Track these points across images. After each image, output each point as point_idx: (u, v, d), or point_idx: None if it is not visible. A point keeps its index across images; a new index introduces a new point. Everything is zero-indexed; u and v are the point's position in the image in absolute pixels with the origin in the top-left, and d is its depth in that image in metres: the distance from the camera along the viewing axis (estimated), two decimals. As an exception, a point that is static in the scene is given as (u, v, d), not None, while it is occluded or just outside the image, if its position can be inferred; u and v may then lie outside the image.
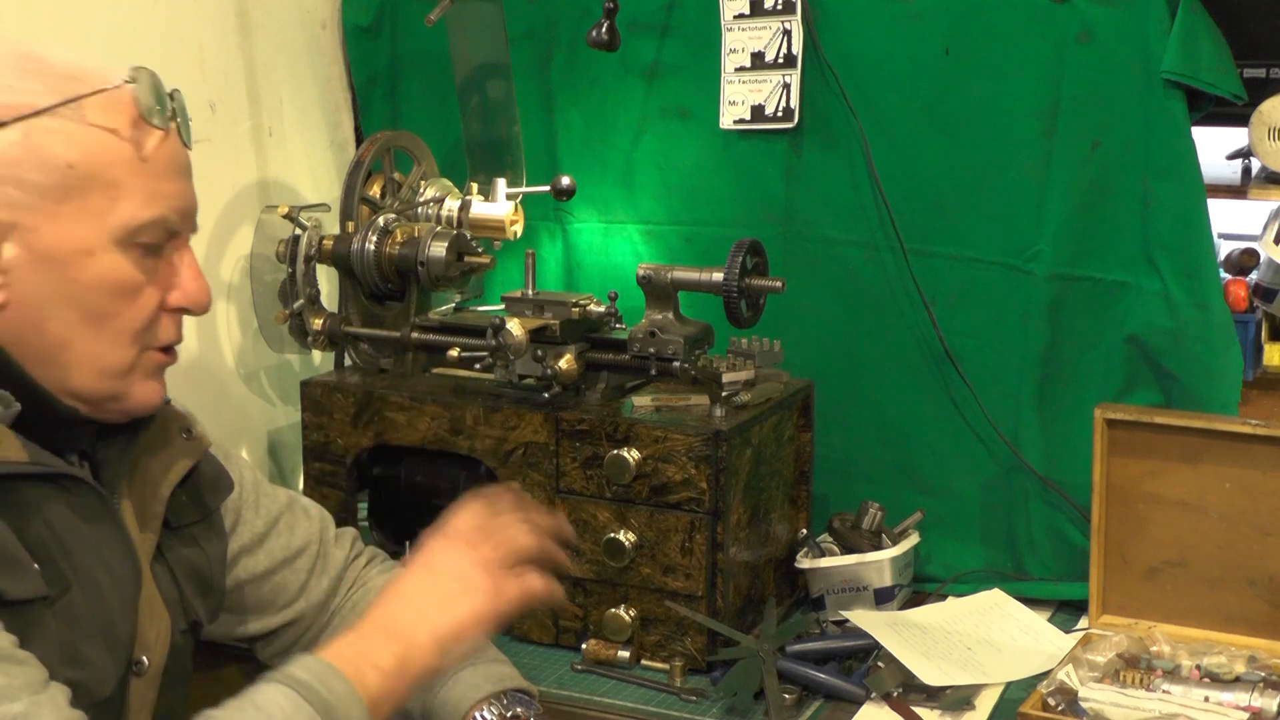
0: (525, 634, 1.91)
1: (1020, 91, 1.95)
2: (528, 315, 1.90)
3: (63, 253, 1.24)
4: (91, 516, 1.29)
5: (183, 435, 1.42)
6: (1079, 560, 1.94)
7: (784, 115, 2.08)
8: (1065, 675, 1.68)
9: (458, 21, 2.17)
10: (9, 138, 1.22)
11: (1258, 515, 1.78)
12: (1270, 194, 1.96)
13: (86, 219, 1.24)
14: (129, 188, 1.26)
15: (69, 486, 1.27)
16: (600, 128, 2.25)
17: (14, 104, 1.22)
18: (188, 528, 1.43)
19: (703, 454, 1.77)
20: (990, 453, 2.05)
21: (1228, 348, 1.89)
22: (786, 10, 2.05)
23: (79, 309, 1.25)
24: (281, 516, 1.60)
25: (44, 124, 1.23)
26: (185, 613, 1.41)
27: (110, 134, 1.25)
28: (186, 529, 1.43)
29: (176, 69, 2.05)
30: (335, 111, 2.38)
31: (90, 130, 1.24)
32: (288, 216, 2.02)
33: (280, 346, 2.19)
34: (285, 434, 2.26)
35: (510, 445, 1.88)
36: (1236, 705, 1.61)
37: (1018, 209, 1.98)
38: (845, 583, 1.93)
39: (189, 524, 1.43)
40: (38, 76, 1.24)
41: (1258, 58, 1.91)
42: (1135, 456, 1.82)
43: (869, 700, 1.71)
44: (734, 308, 1.82)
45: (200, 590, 1.44)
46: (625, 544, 1.81)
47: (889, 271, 2.07)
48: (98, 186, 1.24)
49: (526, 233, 2.18)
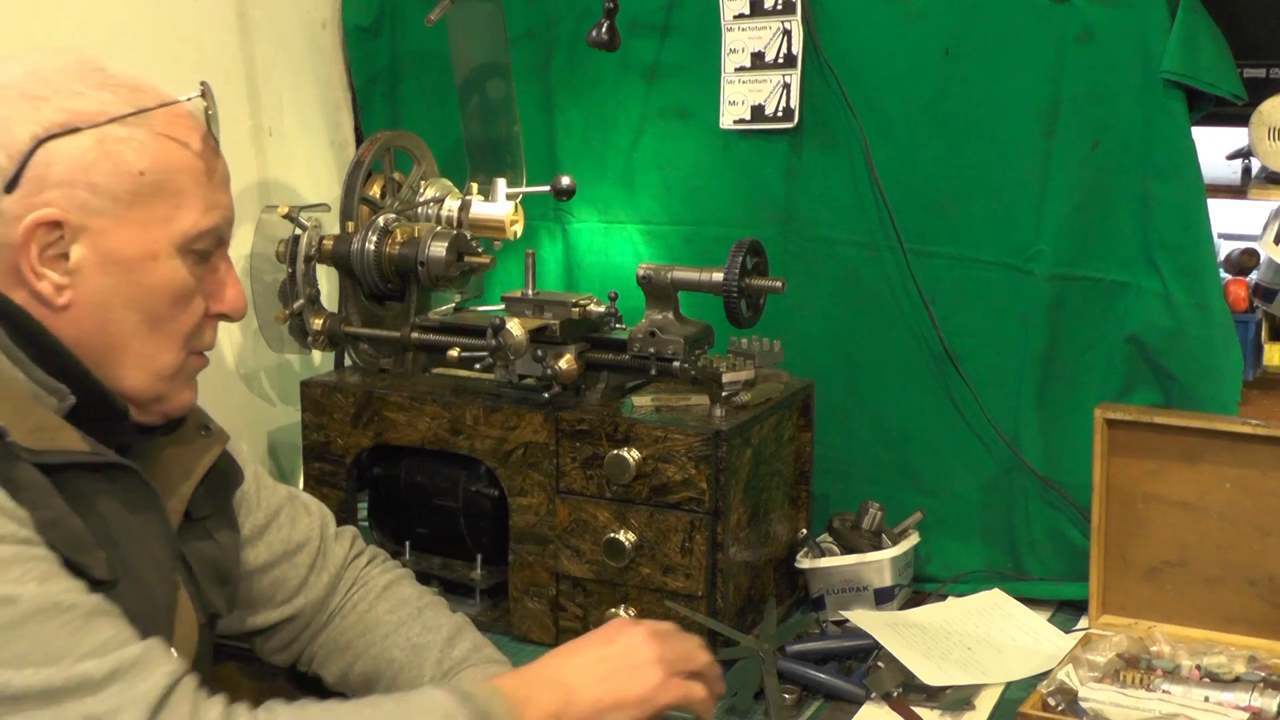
0: (525, 634, 1.91)
1: (1020, 91, 1.95)
2: (528, 315, 1.90)
3: (129, 257, 1.29)
4: (139, 509, 1.32)
5: (201, 431, 1.45)
6: (1079, 560, 1.94)
7: (784, 115, 2.08)
8: (1065, 675, 1.68)
9: (458, 21, 2.17)
10: (83, 144, 1.27)
11: (1258, 515, 1.78)
12: (1270, 194, 1.96)
13: (153, 225, 1.30)
14: (191, 196, 1.32)
15: (118, 479, 1.30)
16: (600, 128, 2.25)
17: (89, 111, 1.27)
18: (203, 520, 1.45)
19: (703, 454, 1.77)
20: (990, 453, 2.05)
21: (1228, 348, 1.89)
22: (786, 10, 2.05)
23: (140, 311, 1.31)
24: (281, 510, 1.61)
25: (117, 132, 1.28)
26: (204, 606, 1.42)
27: (177, 144, 1.31)
28: (202, 522, 1.45)
29: (176, 69, 2.06)
30: (335, 111, 2.38)
31: (159, 139, 1.30)
32: (288, 216, 2.02)
33: (280, 346, 2.19)
34: (285, 434, 2.26)
35: (510, 445, 1.88)
36: (1236, 705, 1.61)
37: (1018, 209, 1.98)
38: (845, 583, 1.93)
39: (204, 517, 1.45)
40: (107, 87, 1.29)
41: (1258, 58, 1.91)
42: (1135, 456, 1.82)
43: (869, 700, 1.71)
44: (734, 308, 1.82)
45: (218, 582, 1.45)
46: (625, 544, 1.81)
47: (889, 271, 2.07)
48: (165, 194, 1.30)
49: (526, 233, 2.18)
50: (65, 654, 1.13)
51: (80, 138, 1.26)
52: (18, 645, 1.11)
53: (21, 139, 1.25)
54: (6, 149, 1.25)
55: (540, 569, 1.89)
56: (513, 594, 1.91)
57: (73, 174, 1.26)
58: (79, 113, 1.27)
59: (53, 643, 1.13)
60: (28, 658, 1.11)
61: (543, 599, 1.89)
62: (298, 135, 2.30)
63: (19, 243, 1.26)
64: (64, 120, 1.26)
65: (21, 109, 1.26)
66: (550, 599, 1.89)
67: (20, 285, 1.27)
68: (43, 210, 1.25)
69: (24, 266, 1.26)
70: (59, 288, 1.28)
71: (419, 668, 1.56)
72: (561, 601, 1.88)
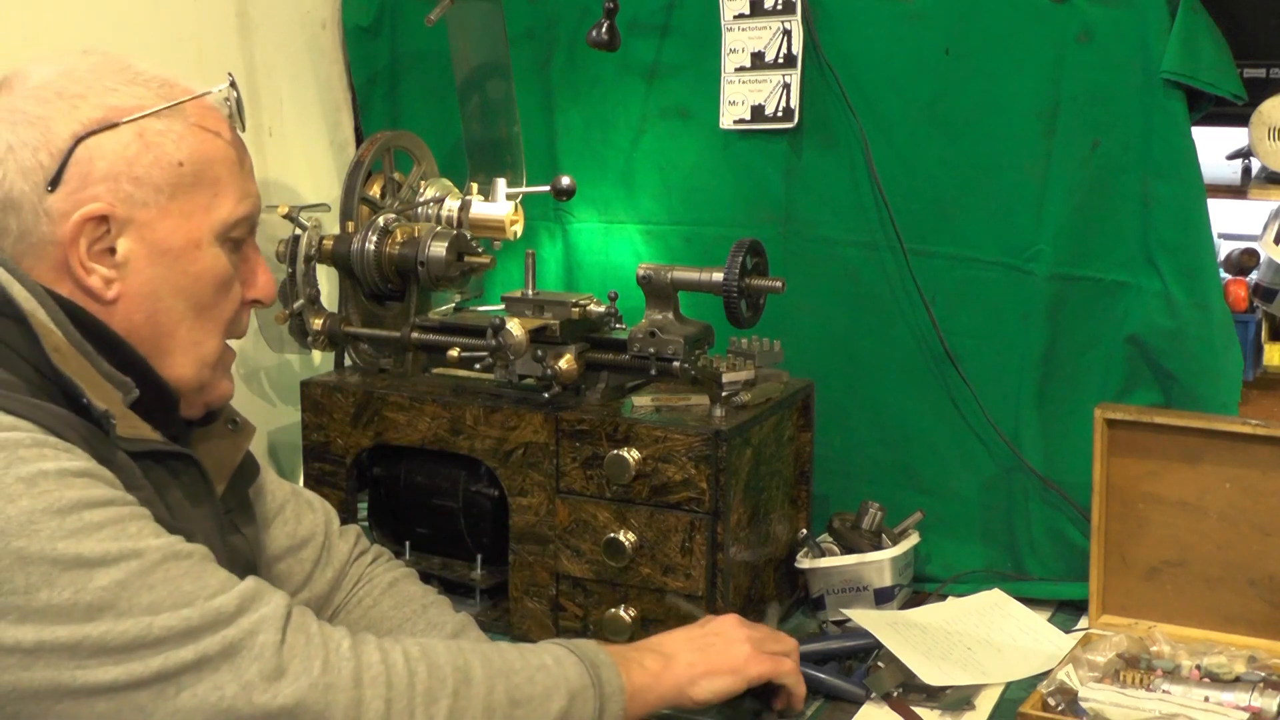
0: (525, 634, 1.91)
1: (1020, 91, 1.95)
2: (528, 315, 1.90)
3: (175, 246, 1.32)
4: (198, 502, 1.35)
5: (230, 425, 1.48)
6: (1079, 560, 1.94)
7: (784, 115, 2.08)
8: (1065, 675, 1.68)
9: (458, 21, 2.17)
10: (124, 138, 1.29)
11: (1258, 515, 1.78)
12: (1270, 194, 1.96)
13: (194, 214, 1.33)
14: (227, 185, 1.35)
15: (180, 472, 1.33)
16: (600, 128, 2.25)
17: (126, 106, 1.30)
18: (230, 514, 1.46)
19: (703, 454, 1.77)
20: (990, 453, 2.05)
21: (1228, 348, 1.89)
22: (786, 10, 2.05)
23: (187, 300, 1.34)
24: (286, 504, 1.62)
25: (154, 125, 1.31)
26: None
27: (211, 134, 1.35)
28: (229, 515, 1.46)
29: (176, 69, 2.04)
30: (335, 111, 2.38)
31: (195, 131, 1.33)
32: (288, 216, 2.02)
33: (280, 346, 2.19)
34: (285, 434, 2.26)
35: (510, 445, 1.88)
36: (1236, 705, 1.61)
37: (1018, 209, 1.98)
38: (845, 583, 1.93)
39: (230, 510, 1.47)
40: (138, 82, 1.32)
41: (1258, 58, 1.91)
42: (1135, 456, 1.82)
43: (869, 700, 1.71)
44: (734, 308, 1.82)
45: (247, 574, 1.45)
46: (625, 544, 1.81)
47: (889, 271, 2.07)
48: (204, 184, 1.33)
49: (526, 233, 2.18)
50: (196, 595, 1.18)
51: (120, 133, 1.29)
52: (150, 593, 1.16)
53: (62, 137, 1.27)
54: (47, 147, 1.27)
55: (540, 569, 1.89)
56: (513, 594, 1.91)
57: (116, 168, 1.28)
58: (116, 108, 1.29)
59: (181, 586, 1.17)
60: (162, 603, 1.16)
61: (543, 599, 1.89)
62: (298, 135, 2.29)
63: (68, 239, 1.28)
64: (102, 116, 1.28)
65: (59, 108, 1.28)
66: (550, 599, 1.89)
67: (68, 281, 1.29)
68: (90, 205, 1.27)
69: (73, 262, 1.28)
70: (108, 281, 1.30)
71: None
72: (561, 601, 1.88)
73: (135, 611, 1.14)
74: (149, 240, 1.30)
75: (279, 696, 1.16)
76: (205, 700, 1.15)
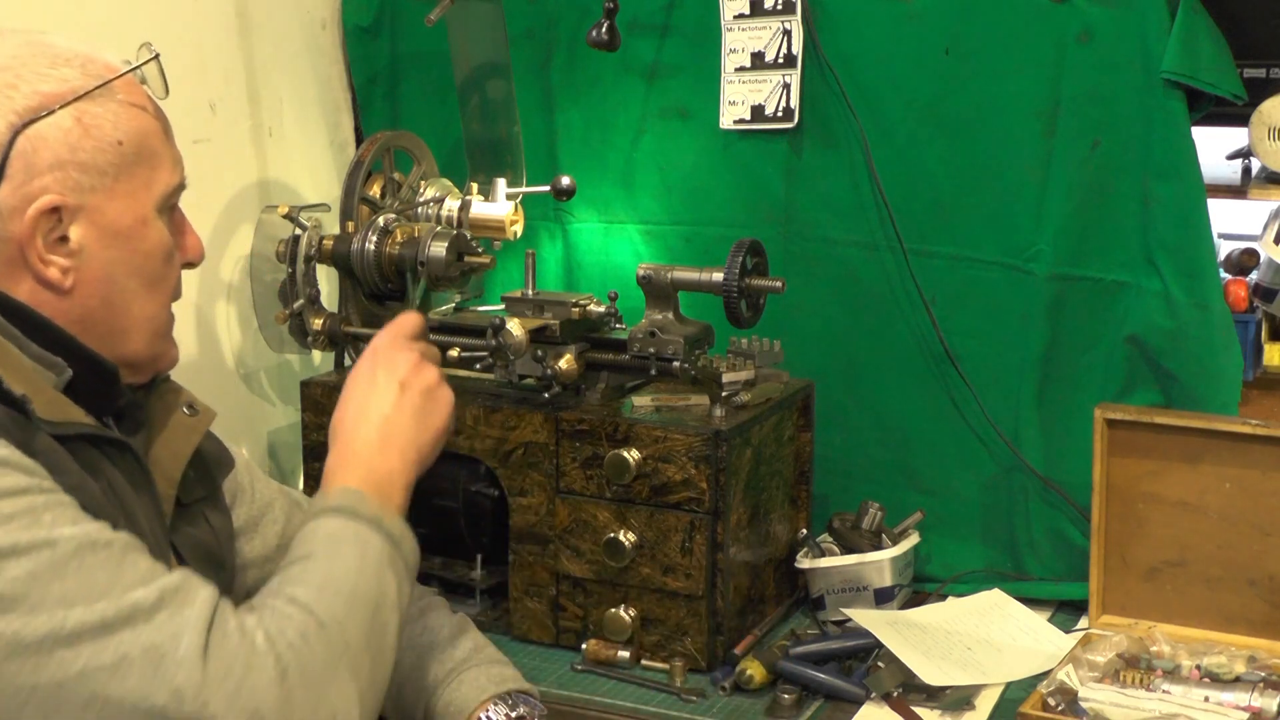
0: (525, 634, 1.91)
1: (1020, 91, 1.95)
2: (528, 315, 1.90)
3: (126, 226, 1.31)
4: (137, 486, 1.32)
5: (185, 410, 1.44)
6: (1079, 560, 1.94)
7: (784, 115, 2.08)
8: (1065, 675, 1.68)
9: (458, 21, 2.17)
10: (63, 124, 1.27)
11: (1258, 515, 1.78)
12: (1270, 194, 1.96)
13: (139, 192, 1.32)
14: (161, 157, 1.35)
15: (117, 459, 1.30)
16: (600, 128, 2.25)
17: (58, 91, 1.28)
18: (196, 504, 1.45)
19: (703, 454, 1.77)
20: (990, 453, 2.05)
21: (1228, 348, 1.89)
22: (786, 10, 2.05)
23: (141, 277, 1.33)
24: (275, 503, 1.61)
25: (88, 107, 1.29)
26: None
27: (139, 109, 1.33)
28: (192, 506, 1.44)
29: (176, 69, 2.04)
30: (335, 111, 2.38)
31: (126, 108, 1.32)
32: (288, 216, 2.02)
33: (280, 346, 2.19)
34: (285, 434, 2.26)
35: (510, 445, 1.88)
36: (1236, 705, 1.62)
37: (1018, 209, 1.98)
38: (845, 583, 1.93)
39: (196, 500, 1.45)
40: (64, 63, 1.30)
41: (1258, 58, 1.91)
42: (1135, 456, 1.82)
43: (869, 700, 1.71)
44: (734, 308, 1.82)
45: (211, 567, 1.44)
46: (625, 544, 1.81)
47: (889, 271, 2.07)
48: (143, 159, 1.32)
49: (526, 233, 2.18)
50: (112, 587, 1.14)
51: (58, 118, 1.27)
52: (63, 585, 1.12)
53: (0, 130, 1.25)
54: None
55: (540, 569, 1.89)
56: (513, 594, 1.91)
57: (60, 156, 1.26)
58: (49, 94, 1.27)
59: (97, 578, 1.14)
60: (76, 596, 1.12)
61: (543, 599, 1.89)
62: (298, 135, 2.29)
63: (24, 234, 1.26)
64: (38, 104, 1.26)
65: None
66: (550, 599, 1.89)
67: (25, 275, 1.28)
68: (43, 198, 1.25)
69: (31, 256, 1.27)
70: (65, 271, 1.28)
71: (421, 668, 1.55)
72: (561, 601, 1.88)
73: (48, 604, 1.11)
74: (100, 224, 1.29)
75: (209, 705, 1.13)
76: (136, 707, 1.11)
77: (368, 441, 1.39)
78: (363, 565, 1.29)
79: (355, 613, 1.26)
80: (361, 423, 1.41)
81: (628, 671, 1.82)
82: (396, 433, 1.41)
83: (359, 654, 1.24)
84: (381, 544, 1.32)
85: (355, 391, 1.44)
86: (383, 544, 1.32)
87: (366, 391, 1.43)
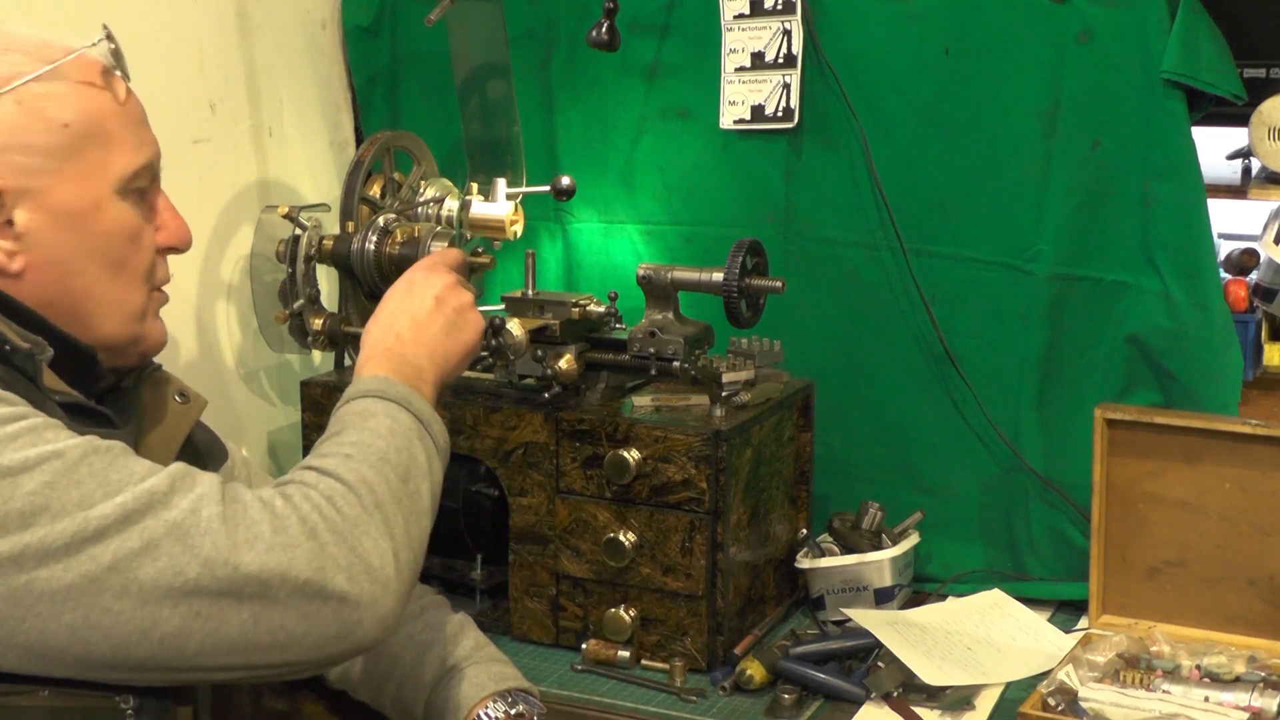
0: (525, 634, 1.91)
1: (1020, 91, 1.95)
2: (528, 315, 1.90)
3: (78, 209, 1.31)
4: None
5: (177, 399, 1.45)
6: (1079, 560, 1.94)
7: (784, 115, 2.08)
8: (1065, 675, 1.68)
9: (458, 21, 2.17)
10: (5, 107, 1.27)
11: (1258, 515, 1.78)
12: (1270, 194, 1.96)
13: (92, 174, 1.31)
14: (119, 138, 1.34)
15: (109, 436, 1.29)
16: (600, 128, 2.25)
17: (3, 75, 1.28)
18: None
19: (703, 454, 1.77)
20: (990, 453, 2.05)
21: (1228, 348, 1.89)
22: (786, 10, 2.05)
23: (99, 260, 1.33)
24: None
25: (34, 90, 1.29)
26: None
27: (94, 89, 1.32)
28: None
29: (176, 69, 2.06)
30: (335, 111, 2.38)
31: (76, 88, 1.31)
32: (288, 216, 2.02)
33: (280, 346, 2.19)
34: (285, 434, 2.26)
35: (510, 445, 1.88)
36: (1236, 705, 1.62)
37: (1018, 209, 1.98)
38: (845, 583, 1.93)
39: None
40: (14, 48, 1.30)
41: (1258, 58, 1.91)
42: (1135, 456, 1.82)
43: (869, 700, 1.71)
44: (734, 308, 1.82)
45: None
46: (625, 544, 1.81)
47: (889, 271, 2.07)
48: (94, 141, 1.31)
49: (526, 233, 2.18)
50: (125, 482, 1.17)
51: (1, 102, 1.27)
52: (79, 489, 1.15)
53: None
54: None
55: (540, 569, 1.89)
56: (513, 594, 1.91)
57: (2, 140, 1.27)
58: None
59: (109, 476, 1.17)
60: (93, 495, 1.15)
61: (543, 599, 1.89)
62: (298, 135, 2.29)
63: None
64: None
65: None
66: (550, 599, 1.89)
67: None
68: None
69: None
70: (10, 254, 1.28)
71: (421, 665, 1.56)
72: (561, 601, 1.88)
73: (69, 509, 1.14)
74: (49, 207, 1.29)
75: (242, 566, 1.16)
76: (171, 585, 1.14)
77: (400, 338, 1.44)
78: (392, 434, 1.32)
79: (385, 476, 1.28)
80: (394, 323, 1.45)
81: (628, 671, 1.82)
82: (426, 337, 1.45)
83: (391, 512, 1.26)
84: (411, 420, 1.34)
85: (391, 300, 1.49)
86: (412, 420, 1.34)
87: (403, 299, 1.48)
